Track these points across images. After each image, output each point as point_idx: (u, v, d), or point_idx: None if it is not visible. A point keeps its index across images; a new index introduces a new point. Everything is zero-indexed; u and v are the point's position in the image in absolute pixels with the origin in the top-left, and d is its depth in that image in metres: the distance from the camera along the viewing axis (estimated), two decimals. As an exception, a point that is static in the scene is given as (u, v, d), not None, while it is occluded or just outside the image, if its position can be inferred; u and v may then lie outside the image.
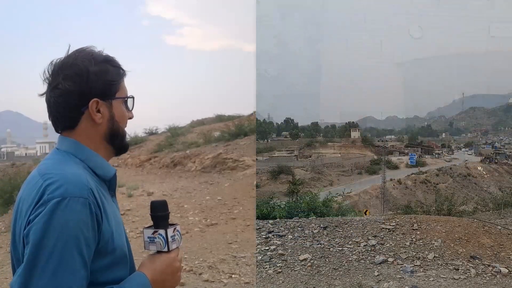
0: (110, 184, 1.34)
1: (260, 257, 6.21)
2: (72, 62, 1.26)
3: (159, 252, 1.30)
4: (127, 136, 1.39)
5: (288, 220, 8.05)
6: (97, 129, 1.29)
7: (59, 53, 1.33)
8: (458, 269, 5.62)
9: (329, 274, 5.63)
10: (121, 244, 1.27)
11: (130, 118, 1.40)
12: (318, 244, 6.47)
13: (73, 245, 1.07)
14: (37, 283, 1.05)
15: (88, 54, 1.28)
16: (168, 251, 1.29)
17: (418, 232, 6.72)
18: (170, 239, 1.29)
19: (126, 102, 1.37)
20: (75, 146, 1.27)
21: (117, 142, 1.34)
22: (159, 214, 1.31)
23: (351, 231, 6.90)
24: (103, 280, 1.19)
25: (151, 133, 30.09)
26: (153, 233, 1.30)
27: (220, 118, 29.81)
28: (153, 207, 1.32)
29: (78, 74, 1.24)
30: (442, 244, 6.29)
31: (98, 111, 1.27)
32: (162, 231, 1.29)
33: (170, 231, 1.29)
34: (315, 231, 6.95)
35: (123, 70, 1.36)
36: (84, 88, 1.24)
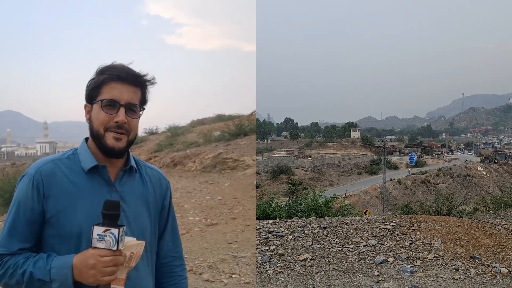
0: (103, 176, 1.56)
1: (260, 257, 6.21)
2: None
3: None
4: (105, 137, 1.52)
5: (288, 220, 8.04)
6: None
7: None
8: (458, 269, 5.61)
9: (329, 274, 5.63)
10: (74, 225, 1.49)
11: (117, 121, 1.51)
12: (318, 244, 6.47)
13: (16, 205, 1.52)
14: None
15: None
16: (92, 247, 1.40)
17: (418, 232, 6.72)
18: (96, 237, 1.38)
19: (103, 104, 1.52)
20: (81, 142, 1.62)
21: (97, 141, 1.55)
22: (104, 212, 1.42)
23: (351, 231, 6.90)
24: (50, 247, 1.50)
25: (151, 133, 30.07)
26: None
27: (220, 118, 29.73)
28: (104, 205, 1.42)
29: None
30: (442, 244, 6.29)
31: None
32: (92, 227, 1.41)
33: (98, 229, 1.39)
34: (315, 231, 6.95)
35: (109, 75, 1.52)
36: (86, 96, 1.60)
